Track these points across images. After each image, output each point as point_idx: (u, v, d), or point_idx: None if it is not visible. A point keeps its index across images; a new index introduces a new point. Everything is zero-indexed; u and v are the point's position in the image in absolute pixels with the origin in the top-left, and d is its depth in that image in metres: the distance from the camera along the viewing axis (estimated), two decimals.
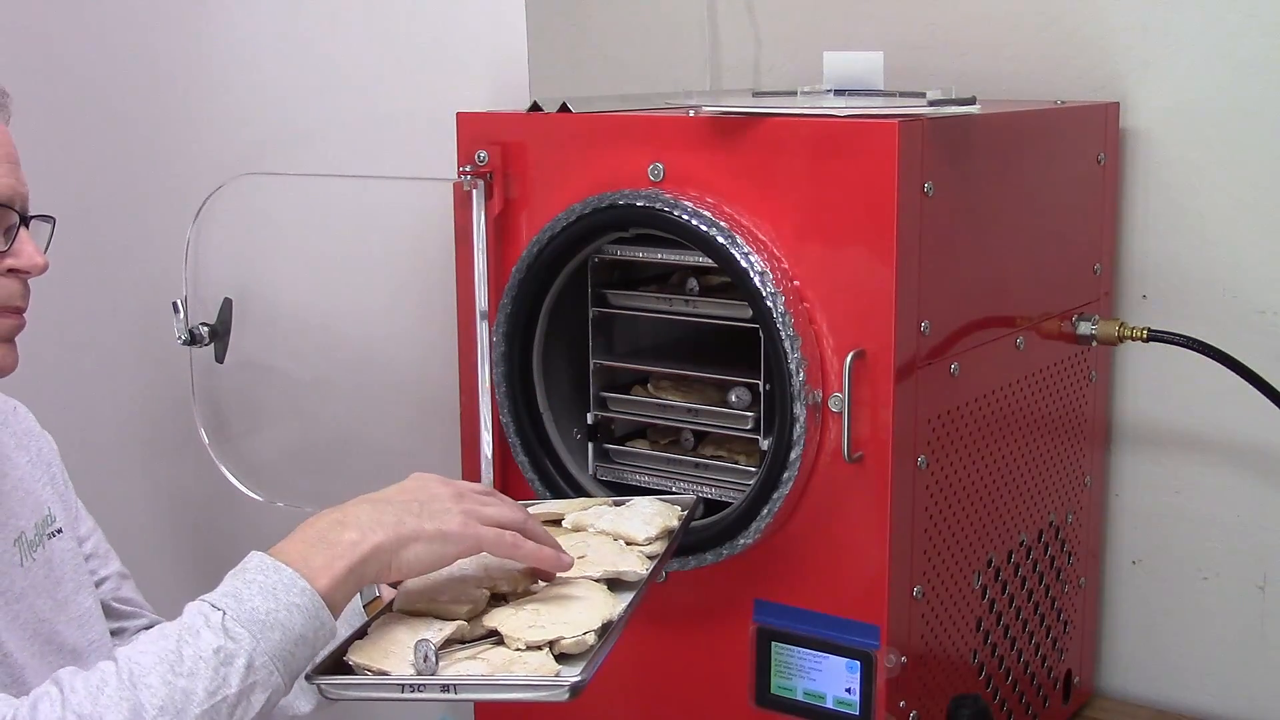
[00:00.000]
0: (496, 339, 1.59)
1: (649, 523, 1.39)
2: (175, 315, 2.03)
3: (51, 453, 1.54)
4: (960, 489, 1.52)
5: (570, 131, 1.55)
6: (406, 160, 2.09)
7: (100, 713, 1.02)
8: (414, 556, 1.18)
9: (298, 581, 1.11)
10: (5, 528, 1.37)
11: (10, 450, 1.45)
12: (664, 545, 1.37)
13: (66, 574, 1.44)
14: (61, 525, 1.46)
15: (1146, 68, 1.80)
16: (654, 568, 1.32)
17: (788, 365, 1.39)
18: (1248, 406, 1.73)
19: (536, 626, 1.18)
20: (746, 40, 2.06)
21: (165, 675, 1.04)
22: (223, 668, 1.05)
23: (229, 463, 2.26)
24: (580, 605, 1.23)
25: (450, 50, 2.23)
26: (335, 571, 1.13)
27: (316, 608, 1.11)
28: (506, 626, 1.19)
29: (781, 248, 1.42)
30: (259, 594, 1.10)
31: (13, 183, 1.29)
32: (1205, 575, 1.86)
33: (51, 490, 1.49)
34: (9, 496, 1.40)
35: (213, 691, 1.05)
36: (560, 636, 1.17)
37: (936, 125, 1.40)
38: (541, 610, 1.22)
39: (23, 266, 1.30)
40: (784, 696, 1.50)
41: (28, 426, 1.52)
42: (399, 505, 1.19)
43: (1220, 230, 1.79)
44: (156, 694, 1.03)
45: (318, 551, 1.14)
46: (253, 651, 1.07)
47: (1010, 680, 1.68)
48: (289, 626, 1.09)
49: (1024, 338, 1.62)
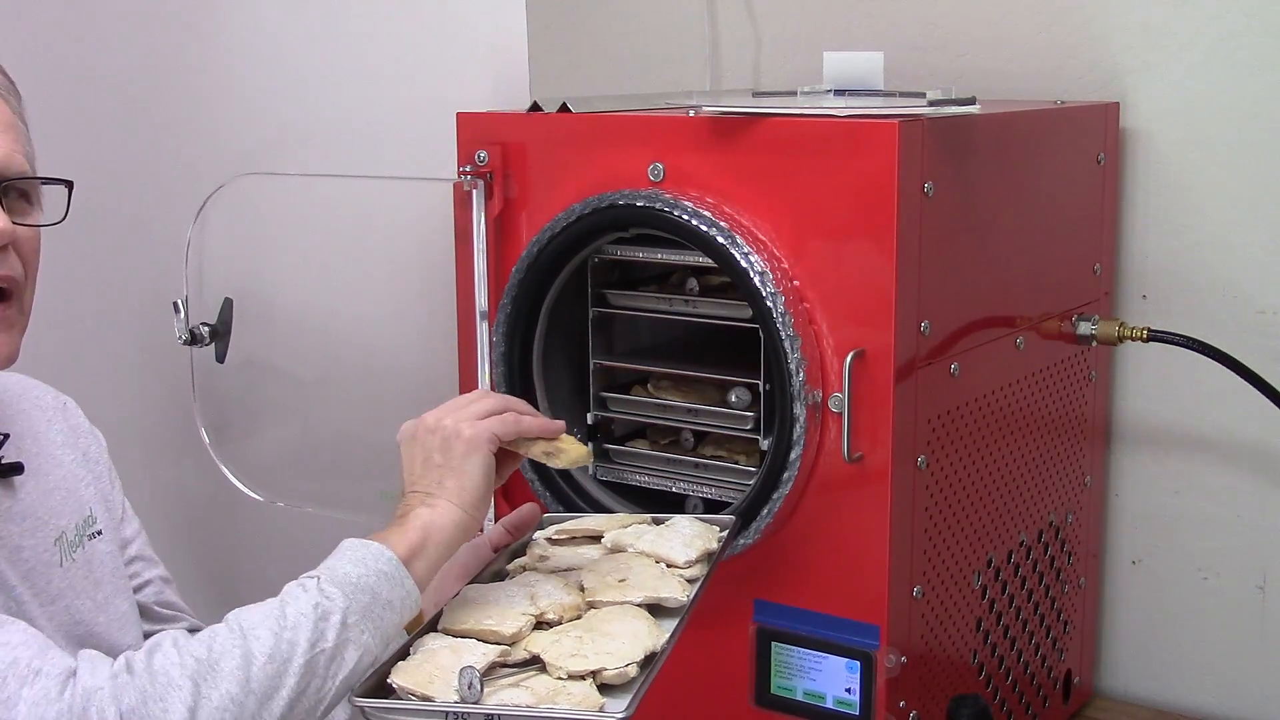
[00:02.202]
0: (496, 339, 1.59)
1: (689, 545, 1.36)
2: (176, 315, 2.03)
3: (100, 450, 1.51)
4: (960, 489, 1.52)
5: (570, 131, 1.55)
6: (406, 160, 2.09)
7: (215, 658, 1.09)
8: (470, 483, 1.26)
9: (384, 552, 1.19)
10: (46, 527, 1.35)
11: (56, 448, 1.43)
12: (704, 568, 1.35)
13: (105, 576, 1.41)
14: (102, 527, 1.44)
15: (1146, 68, 1.80)
16: (695, 593, 1.31)
17: (788, 365, 1.39)
18: (1248, 406, 1.73)
19: (579, 655, 1.18)
20: (746, 40, 2.06)
21: (272, 628, 1.12)
22: (321, 622, 1.13)
23: (229, 462, 2.26)
24: (623, 634, 1.22)
25: (450, 50, 2.23)
26: (409, 539, 1.21)
27: (401, 575, 1.19)
28: (550, 654, 1.19)
29: (781, 248, 1.42)
30: (349, 562, 1.18)
31: None
32: (1205, 575, 1.86)
33: (95, 490, 1.46)
34: (51, 495, 1.38)
35: (313, 643, 1.12)
36: (603, 667, 1.17)
37: (936, 125, 1.40)
38: (585, 638, 1.21)
39: None
40: (784, 696, 1.50)
41: (76, 423, 1.49)
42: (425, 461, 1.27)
43: (1220, 230, 1.79)
44: (265, 643, 1.10)
45: (394, 528, 1.23)
46: (346, 609, 1.14)
47: (1010, 680, 1.68)
48: (377, 590, 1.17)
49: (1024, 338, 1.62)
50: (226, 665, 1.09)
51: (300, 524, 2.41)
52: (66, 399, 1.50)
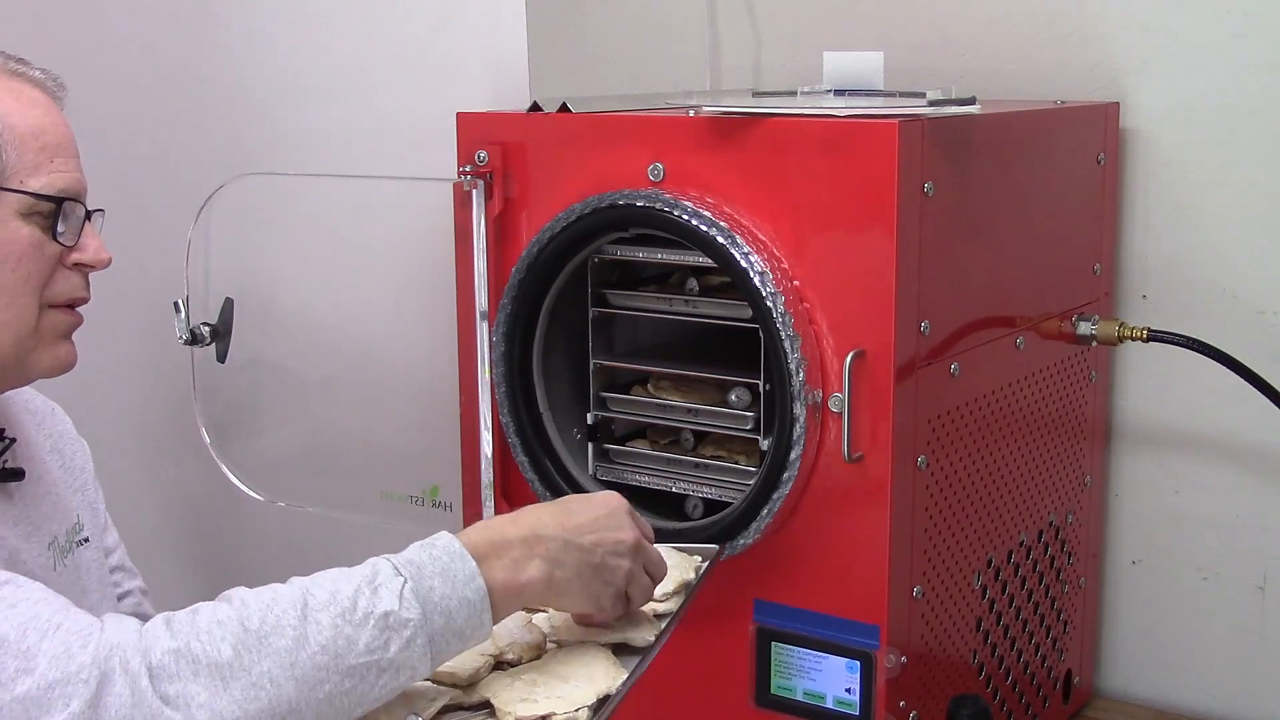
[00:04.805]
0: (496, 339, 1.59)
1: (666, 576, 1.31)
2: (176, 315, 2.03)
3: (85, 458, 1.51)
4: (960, 489, 1.52)
5: (570, 131, 1.55)
6: (406, 160, 2.09)
7: (266, 631, 1.04)
8: (569, 604, 1.23)
9: (476, 579, 1.12)
10: (40, 531, 1.35)
11: (45, 453, 1.43)
12: (679, 602, 1.33)
13: (92, 585, 1.41)
14: (89, 534, 1.43)
15: (1146, 68, 1.80)
16: (662, 631, 1.28)
17: (788, 365, 1.39)
18: (1248, 406, 1.73)
19: (529, 700, 1.16)
20: (746, 40, 2.06)
21: (335, 618, 1.06)
22: (388, 631, 1.07)
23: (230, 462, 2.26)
24: (579, 676, 1.20)
25: (450, 50, 2.23)
26: (510, 587, 1.15)
27: (483, 610, 1.12)
28: (500, 699, 1.17)
29: (781, 248, 1.42)
30: (439, 576, 1.11)
31: (80, 176, 1.29)
32: (1205, 575, 1.86)
33: (81, 498, 1.46)
34: (43, 501, 1.38)
35: (372, 649, 1.06)
36: (552, 712, 1.15)
37: (936, 125, 1.40)
38: (538, 681, 1.19)
39: (88, 261, 1.29)
40: (784, 696, 1.50)
41: (64, 430, 1.49)
42: (582, 553, 1.20)
43: (1220, 230, 1.79)
44: (324, 632, 1.05)
45: (503, 558, 1.16)
46: (417, 629, 1.08)
47: (1010, 680, 1.68)
48: (454, 617, 1.10)
49: (1024, 338, 1.62)
50: (276, 643, 1.04)
51: (301, 524, 2.41)
52: (54, 405, 1.50)
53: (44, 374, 1.30)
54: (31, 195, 1.23)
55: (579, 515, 1.22)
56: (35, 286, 1.25)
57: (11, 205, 1.23)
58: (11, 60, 1.28)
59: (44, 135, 1.25)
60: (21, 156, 1.23)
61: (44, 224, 1.25)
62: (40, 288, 1.26)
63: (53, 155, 1.26)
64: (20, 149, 1.23)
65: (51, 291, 1.27)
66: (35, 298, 1.25)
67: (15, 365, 1.27)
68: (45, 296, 1.26)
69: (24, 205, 1.23)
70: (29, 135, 1.24)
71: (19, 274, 1.24)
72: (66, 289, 1.28)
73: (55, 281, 1.27)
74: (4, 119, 1.23)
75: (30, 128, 1.24)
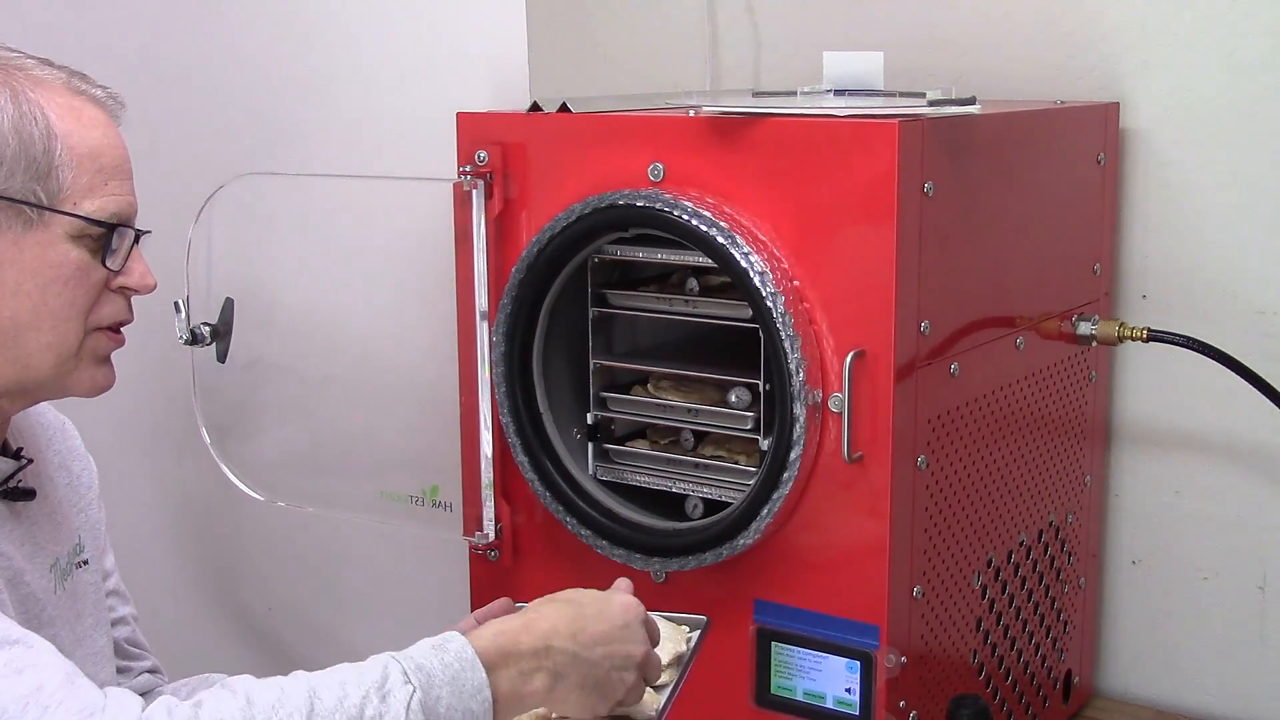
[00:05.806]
0: (496, 339, 1.59)
1: (660, 649, 1.31)
2: (176, 315, 2.03)
3: (91, 476, 1.49)
4: (960, 489, 1.52)
5: (570, 131, 1.55)
6: (406, 160, 2.09)
7: None
8: (565, 711, 1.22)
9: (484, 690, 1.13)
10: (43, 552, 1.34)
11: (53, 470, 1.40)
12: (675, 673, 1.33)
13: (87, 608, 1.40)
14: (89, 556, 1.42)
15: (1146, 68, 1.80)
16: (663, 706, 1.29)
17: (788, 365, 1.39)
18: (1248, 406, 1.73)
19: None
20: (746, 40, 2.06)
21: None
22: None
23: (231, 462, 2.26)
24: None
25: (450, 50, 2.23)
26: (513, 698, 1.16)
27: None
28: None
29: (781, 248, 1.42)
30: (448, 685, 1.11)
31: (132, 199, 1.27)
32: (1205, 575, 1.86)
33: (84, 518, 1.44)
34: (48, 520, 1.36)
35: None
36: None
37: (936, 125, 1.40)
38: None
39: (133, 286, 1.28)
40: (784, 696, 1.50)
41: (72, 446, 1.47)
42: (590, 666, 1.21)
43: (1220, 230, 1.79)
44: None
45: (511, 669, 1.16)
46: None
47: (1010, 680, 1.68)
48: None
49: (1024, 338, 1.62)
50: None
51: (301, 524, 2.41)
52: (65, 419, 1.48)
53: (79, 395, 1.29)
54: (84, 219, 1.22)
55: (594, 625, 1.22)
56: (80, 310, 1.24)
57: (62, 227, 1.21)
58: (75, 77, 1.26)
59: (101, 157, 1.24)
60: (77, 178, 1.21)
61: (93, 247, 1.24)
62: (85, 311, 1.24)
63: (108, 178, 1.24)
64: (77, 170, 1.21)
65: (96, 315, 1.26)
66: (80, 321, 1.24)
67: (53, 384, 1.26)
68: (90, 320, 1.25)
69: (75, 228, 1.22)
70: (86, 157, 1.22)
71: (64, 298, 1.22)
72: (111, 312, 1.27)
73: (100, 305, 1.26)
74: (63, 139, 1.21)
75: (89, 149, 1.23)
